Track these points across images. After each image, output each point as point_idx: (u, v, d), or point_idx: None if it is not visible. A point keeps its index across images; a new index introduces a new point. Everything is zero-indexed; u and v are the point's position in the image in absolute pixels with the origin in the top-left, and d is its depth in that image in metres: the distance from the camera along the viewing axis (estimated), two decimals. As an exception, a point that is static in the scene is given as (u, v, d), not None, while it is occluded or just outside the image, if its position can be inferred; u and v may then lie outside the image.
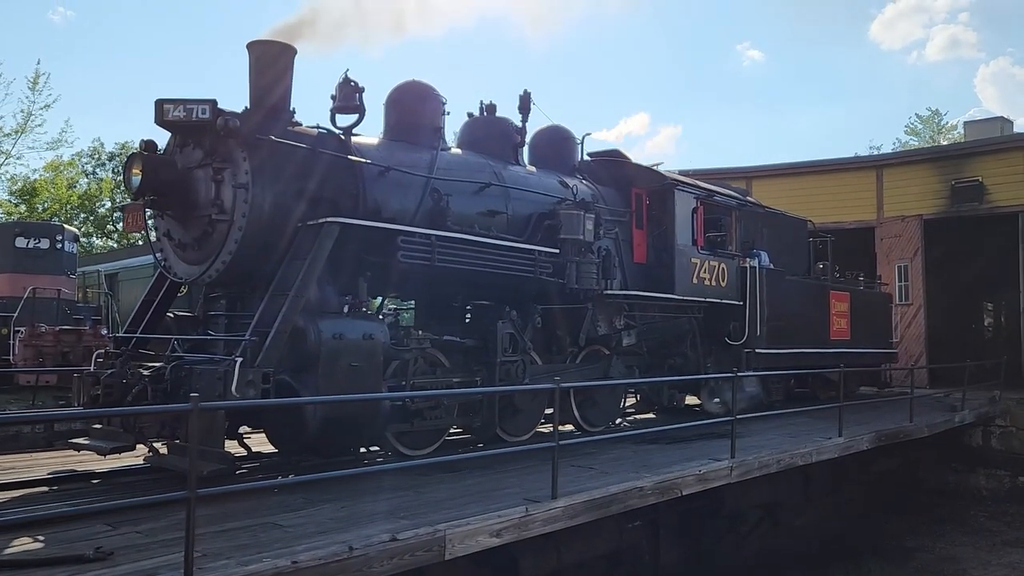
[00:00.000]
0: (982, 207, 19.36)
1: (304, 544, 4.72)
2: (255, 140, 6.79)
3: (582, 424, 9.86)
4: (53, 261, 17.67)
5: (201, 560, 4.36)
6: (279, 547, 4.67)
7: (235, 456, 6.51)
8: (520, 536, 5.78)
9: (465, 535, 5.32)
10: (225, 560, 4.38)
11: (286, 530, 5.12)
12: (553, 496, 6.12)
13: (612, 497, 6.60)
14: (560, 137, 10.75)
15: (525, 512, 5.81)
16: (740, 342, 12.14)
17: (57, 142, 35.89)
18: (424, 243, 7.46)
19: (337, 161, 7.42)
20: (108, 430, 6.96)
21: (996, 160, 19.36)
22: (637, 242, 10.76)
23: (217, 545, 4.70)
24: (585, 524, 7.04)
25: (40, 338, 14.15)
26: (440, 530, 5.18)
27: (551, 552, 7.85)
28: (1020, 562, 11.18)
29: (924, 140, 42.26)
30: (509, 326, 8.43)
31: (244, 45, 7.52)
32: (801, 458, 9.43)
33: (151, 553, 4.53)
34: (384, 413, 6.87)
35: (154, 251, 7.52)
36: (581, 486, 6.72)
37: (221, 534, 4.98)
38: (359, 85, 8.00)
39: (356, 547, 4.70)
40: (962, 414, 14.62)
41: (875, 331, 16.64)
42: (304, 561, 4.42)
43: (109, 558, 4.39)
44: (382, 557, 4.81)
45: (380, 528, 5.11)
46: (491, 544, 5.54)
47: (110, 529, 5.09)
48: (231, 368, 5.97)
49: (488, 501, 6.08)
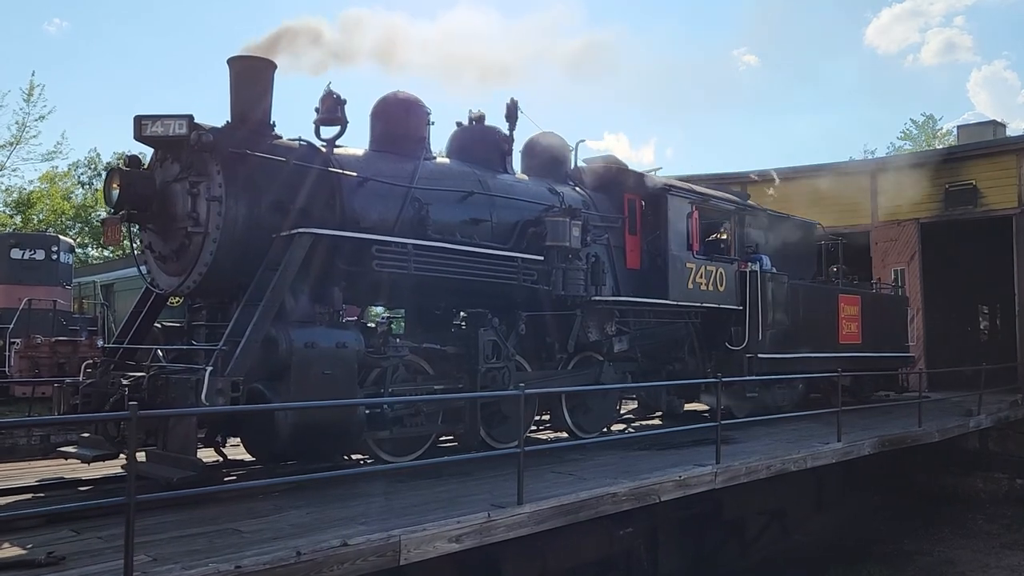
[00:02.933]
0: (976, 210, 19.31)
1: (255, 550, 4.81)
2: (229, 154, 6.94)
3: (574, 430, 9.87)
4: (49, 272, 17.74)
5: (149, 565, 4.47)
6: (231, 552, 4.76)
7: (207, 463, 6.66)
8: (482, 542, 5.82)
9: (422, 540, 5.38)
10: (172, 565, 4.47)
11: (244, 536, 5.22)
12: (519, 502, 6.14)
13: (583, 503, 6.61)
14: (551, 144, 10.76)
15: (487, 518, 5.84)
16: (741, 347, 12.04)
17: (52, 153, 35.92)
18: (400, 252, 7.54)
19: (315, 173, 7.54)
20: (95, 439, 7.16)
21: (989, 163, 19.26)
22: (630, 248, 10.74)
23: (170, 550, 4.80)
24: (572, 530, 7.08)
25: (36, 349, 14.17)
26: (395, 535, 5.24)
27: (535, 558, 7.89)
28: (1019, 565, 11.05)
29: (918, 145, 42.15)
30: (492, 333, 8.48)
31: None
32: (794, 464, 9.32)
33: (104, 558, 4.64)
34: (359, 420, 6.95)
35: (138, 264, 7.72)
36: (556, 492, 6.73)
37: (179, 539, 5.09)
38: (341, 98, 8.15)
39: (304, 552, 4.77)
40: (978, 418, 14.33)
41: (889, 335, 16.37)
42: (248, 566, 4.51)
43: (60, 563, 4.52)
44: (331, 562, 4.87)
45: (337, 534, 5.19)
46: (450, 549, 5.58)
47: (74, 535, 5.24)
48: (203, 377, 6.10)
49: (456, 507, 6.13)
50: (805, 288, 13.77)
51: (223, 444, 7.64)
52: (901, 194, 18.69)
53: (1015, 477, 15.21)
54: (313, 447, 6.79)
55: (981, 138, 21.59)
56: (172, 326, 7.96)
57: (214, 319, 7.43)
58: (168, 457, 6.32)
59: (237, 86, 7.64)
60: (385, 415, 7.43)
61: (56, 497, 6.55)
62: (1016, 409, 15.80)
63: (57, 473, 7.51)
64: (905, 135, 44.15)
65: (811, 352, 13.40)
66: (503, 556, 7.24)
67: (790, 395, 13.52)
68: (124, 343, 7.68)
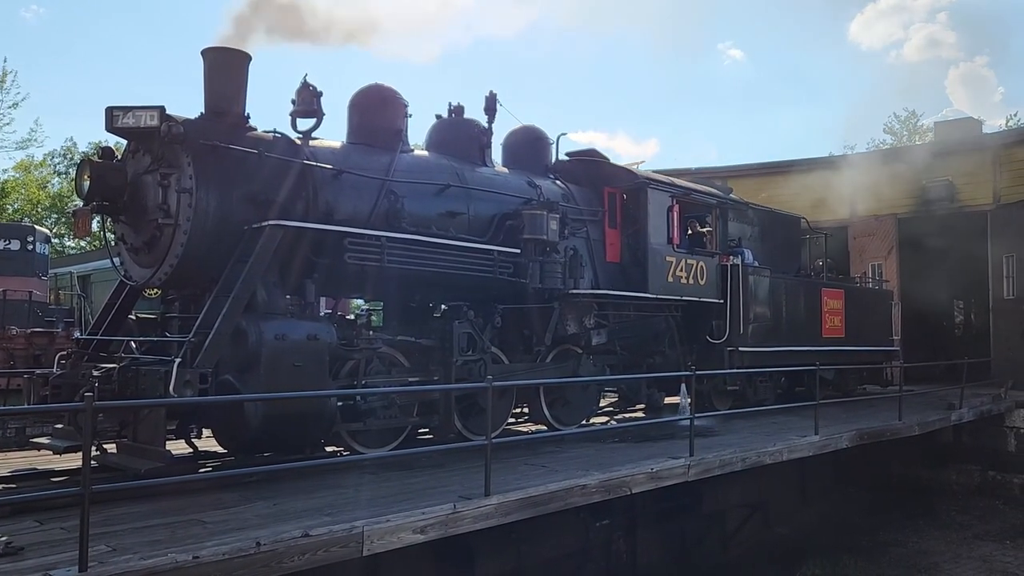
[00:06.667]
0: (952, 206, 19.46)
1: (215, 540, 4.83)
2: (200, 146, 6.94)
3: (553, 423, 9.89)
4: (24, 263, 17.50)
5: (107, 555, 4.49)
6: (191, 543, 4.76)
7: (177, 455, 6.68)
8: (447, 533, 5.83)
9: (385, 532, 5.39)
10: (130, 555, 4.49)
11: (207, 526, 5.23)
12: (486, 493, 6.16)
13: (551, 495, 6.62)
14: (532, 137, 10.80)
15: (453, 509, 5.86)
16: (722, 340, 12.07)
17: (27, 141, 35.60)
18: (373, 244, 7.55)
19: (288, 165, 7.54)
20: (66, 430, 7.16)
21: (965, 160, 19.38)
22: (610, 241, 10.76)
23: (131, 540, 4.82)
24: (547, 522, 7.12)
25: (11, 341, 13.97)
26: (358, 527, 5.26)
27: (510, 549, 7.94)
28: (990, 555, 11.20)
29: (900, 139, 42.31)
30: (467, 326, 8.50)
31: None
32: (770, 456, 9.36)
33: (63, 548, 4.65)
34: (330, 412, 6.97)
35: (111, 255, 7.72)
36: (526, 484, 6.75)
37: (141, 530, 5.10)
38: (317, 90, 8.16)
39: (264, 543, 4.79)
40: (960, 412, 14.39)
41: (874, 328, 16.43)
42: (206, 557, 4.52)
43: (19, 553, 4.53)
44: (292, 553, 4.89)
45: (300, 525, 5.21)
46: (415, 541, 5.60)
47: (37, 525, 5.26)
48: (171, 369, 6.12)
49: (425, 498, 6.14)
50: (788, 282, 13.81)
51: (198, 436, 7.65)
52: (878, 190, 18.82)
53: (987, 469, 15.38)
54: (284, 438, 6.81)
55: (958, 135, 21.77)
56: (146, 318, 7.98)
57: (187, 311, 7.43)
58: (138, 448, 6.34)
59: (211, 77, 7.63)
60: (358, 407, 7.45)
61: (26, 488, 6.56)
62: (999, 403, 15.86)
63: (32, 464, 7.52)
64: (887, 129, 44.45)
65: (794, 346, 13.44)
66: (477, 547, 7.30)
67: (772, 389, 13.56)
68: (98, 335, 7.69)
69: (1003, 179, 19.20)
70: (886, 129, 44.35)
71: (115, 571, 4.22)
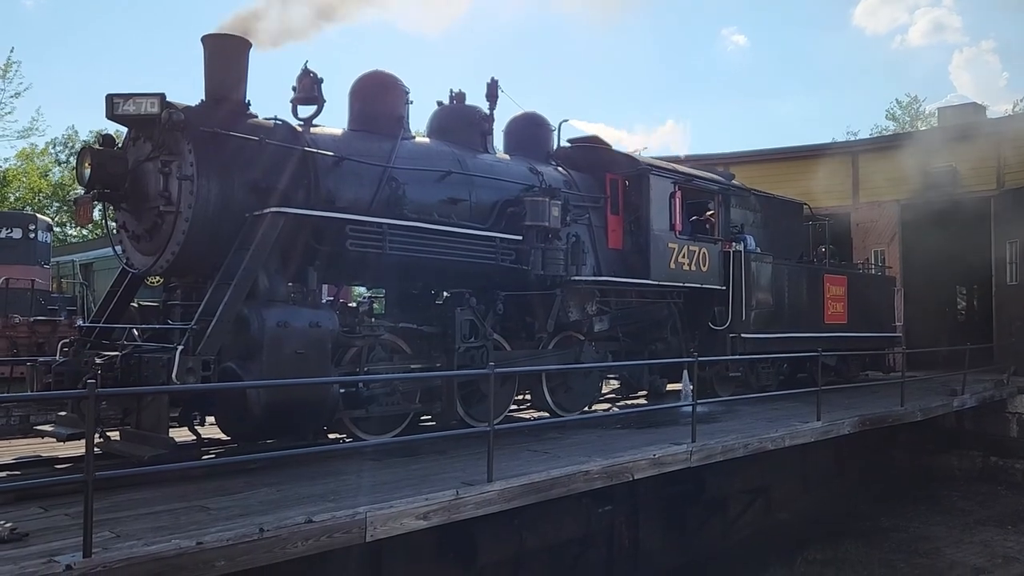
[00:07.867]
0: (956, 192, 19.35)
1: (219, 526, 4.85)
2: (201, 133, 6.92)
3: (555, 410, 9.91)
4: (26, 251, 17.40)
5: (111, 541, 4.51)
6: (195, 529, 4.79)
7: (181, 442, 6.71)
8: (450, 519, 5.85)
9: (388, 518, 5.41)
10: (134, 541, 4.51)
11: (211, 512, 5.25)
12: (489, 479, 6.17)
13: (554, 481, 6.64)
14: (534, 124, 10.76)
15: (455, 495, 5.88)
16: (724, 327, 12.07)
17: (28, 130, 35.41)
18: (375, 231, 7.54)
19: (289, 152, 7.52)
20: (70, 417, 7.18)
21: (968, 146, 19.23)
22: (612, 228, 10.74)
23: (136, 527, 4.84)
24: (549, 507, 7.14)
25: (14, 329, 13.93)
26: (361, 513, 5.27)
27: (512, 535, 7.96)
28: (991, 540, 11.25)
29: (902, 125, 42.13)
30: (469, 313, 8.49)
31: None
32: (772, 442, 9.37)
33: (68, 534, 4.67)
34: (333, 399, 6.98)
35: (113, 243, 7.72)
36: (529, 470, 6.77)
37: (146, 516, 5.12)
38: (318, 76, 8.12)
39: (268, 529, 4.81)
40: (962, 398, 14.40)
41: (876, 315, 16.42)
42: (209, 542, 4.54)
43: (24, 539, 4.56)
44: (296, 538, 4.91)
45: (303, 511, 5.23)
46: (417, 527, 5.62)
47: (42, 511, 5.28)
48: (174, 356, 6.13)
49: (427, 484, 6.16)
50: (790, 268, 13.79)
51: (201, 423, 7.67)
52: (881, 176, 18.76)
53: (989, 455, 15.41)
54: (286, 425, 6.82)
55: (961, 120, 21.62)
56: (149, 306, 7.99)
57: (189, 298, 7.44)
58: (141, 435, 6.37)
59: (211, 64, 7.60)
60: (361, 394, 7.46)
61: (31, 475, 6.59)
62: (1001, 389, 15.86)
63: (36, 452, 7.55)
64: (890, 115, 44.31)
65: (796, 332, 13.44)
66: (479, 533, 7.32)
67: (775, 375, 13.57)
68: (100, 323, 7.70)
69: (1007, 165, 19.13)
70: (888, 115, 44.33)
71: (119, 557, 4.24)
